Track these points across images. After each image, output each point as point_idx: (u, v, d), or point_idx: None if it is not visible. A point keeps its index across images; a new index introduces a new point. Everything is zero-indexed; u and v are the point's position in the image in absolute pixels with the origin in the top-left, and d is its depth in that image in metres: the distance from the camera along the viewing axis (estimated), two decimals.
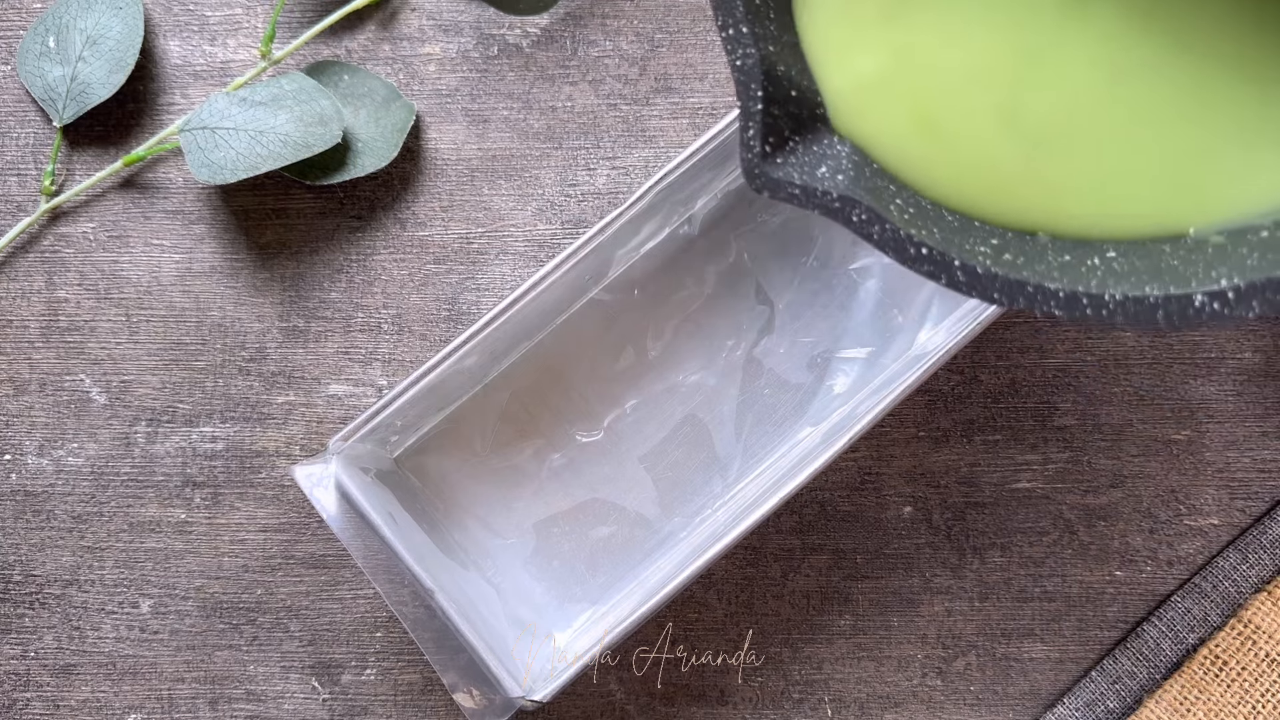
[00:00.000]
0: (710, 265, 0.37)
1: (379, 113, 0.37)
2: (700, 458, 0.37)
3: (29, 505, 0.37)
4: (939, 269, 0.21)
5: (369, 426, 0.33)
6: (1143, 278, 0.19)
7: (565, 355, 0.37)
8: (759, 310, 0.37)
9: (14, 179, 0.38)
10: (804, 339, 0.37)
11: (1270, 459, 0.37)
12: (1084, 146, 0.22)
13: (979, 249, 0.21)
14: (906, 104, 0.24)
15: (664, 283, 0.37)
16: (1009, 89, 0.23)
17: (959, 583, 0.37)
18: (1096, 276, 0.20)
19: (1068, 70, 0.23)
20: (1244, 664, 0.36)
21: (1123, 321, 0.19)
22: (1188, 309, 0.18)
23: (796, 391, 0.37)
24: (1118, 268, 0.20)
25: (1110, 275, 0.20)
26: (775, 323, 0.37)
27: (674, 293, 0.37)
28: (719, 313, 0.37)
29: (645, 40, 0.38)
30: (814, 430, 0.37)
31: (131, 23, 0.37)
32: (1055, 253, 0.21)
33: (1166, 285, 0.18)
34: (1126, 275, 0.20)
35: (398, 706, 0.37)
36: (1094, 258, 0.21)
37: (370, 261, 0.38)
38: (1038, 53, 0.23)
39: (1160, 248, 0.21)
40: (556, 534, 0.37)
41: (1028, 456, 0.37)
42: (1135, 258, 0.20)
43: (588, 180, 0.38)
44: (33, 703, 0.37)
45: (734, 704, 0.37)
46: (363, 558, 0.33)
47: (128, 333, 0.38)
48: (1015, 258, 0.21)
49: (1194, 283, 0.18)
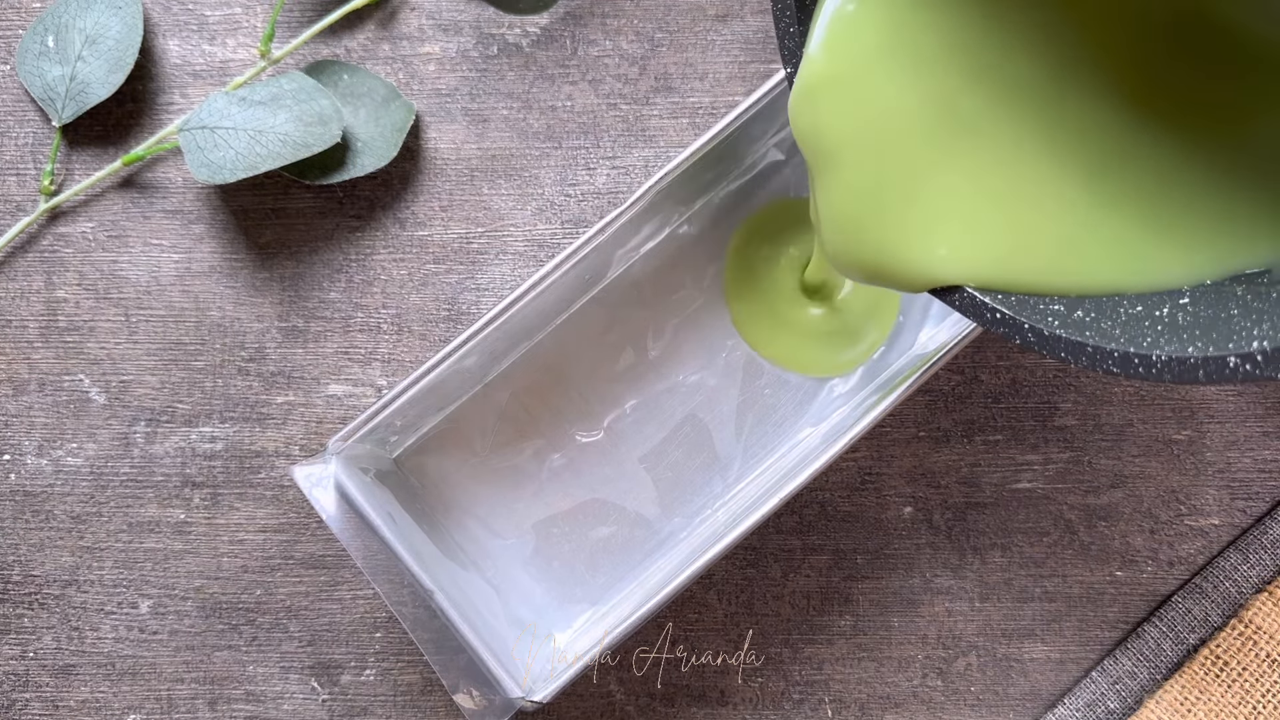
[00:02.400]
0: (710, 265, 0.37)
1: (378, 112, 0.37)
2: (700, 458, 0.37)
3: (28, 505, 0.37)
4: (1012, 330, 0.24)
5: (369, 427, 0.33)
6: (1194, 333, 0.22)
7: (565, 355, 0.37)
8: None
9: (13, 179, 0.38)
10: None
11: (1271, 459, 0.37)
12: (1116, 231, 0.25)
13: (1052, 307, 0.24)
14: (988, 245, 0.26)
15: (664, 283, 0.37)
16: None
17: (959, 583, 0.37)
18: (1155, 331, 0.22)
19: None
20: (1245, 664, 0.36)
21: (1170, 379, 0.21)
22: (1224, 369, 0.20)
23: (796, 391, 0.37)
24: (1181, 320, 0.22)
25: (1169, 329, 0.22)
26: None
27: (674, 293, 0.37)
28: (719, 313, 0.37)
29: (645, 40, 0.38)
30: (814, 430, 0.37)
31: (130, 22, 0.37)
32: (1129, 304, 0.24)
33: (1206, 347, 0.21)
34: (1185, 329, 0.22)
35: (397, 707, 0.37)
36: (1165, 307, 0.23)
37: (370, 261, 0.38)
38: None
39: (1234, 290, 0.23)
40: (556, 534, 0.37)
41: (1028, 457, 0.37)
42: (1204, 305, 0.23)
43: (588, 180, 0.38)
44: (32, 703, 0.37)
45: (734, 704, 0.37)
46: (362, 558, 0.33)
47: (127, 332, 0.38)
48: (1085, 314, 0.24)
49: (1230, 344, 0.20)
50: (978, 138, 0.26)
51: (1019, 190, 0.25)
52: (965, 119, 0.26)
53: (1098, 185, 0.25)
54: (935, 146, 0.26)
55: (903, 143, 0.26)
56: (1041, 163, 0.25)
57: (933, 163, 0.26)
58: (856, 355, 0.37)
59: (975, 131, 0.26)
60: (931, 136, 0.26)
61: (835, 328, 0.37)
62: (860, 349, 0.37)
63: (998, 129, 0.26)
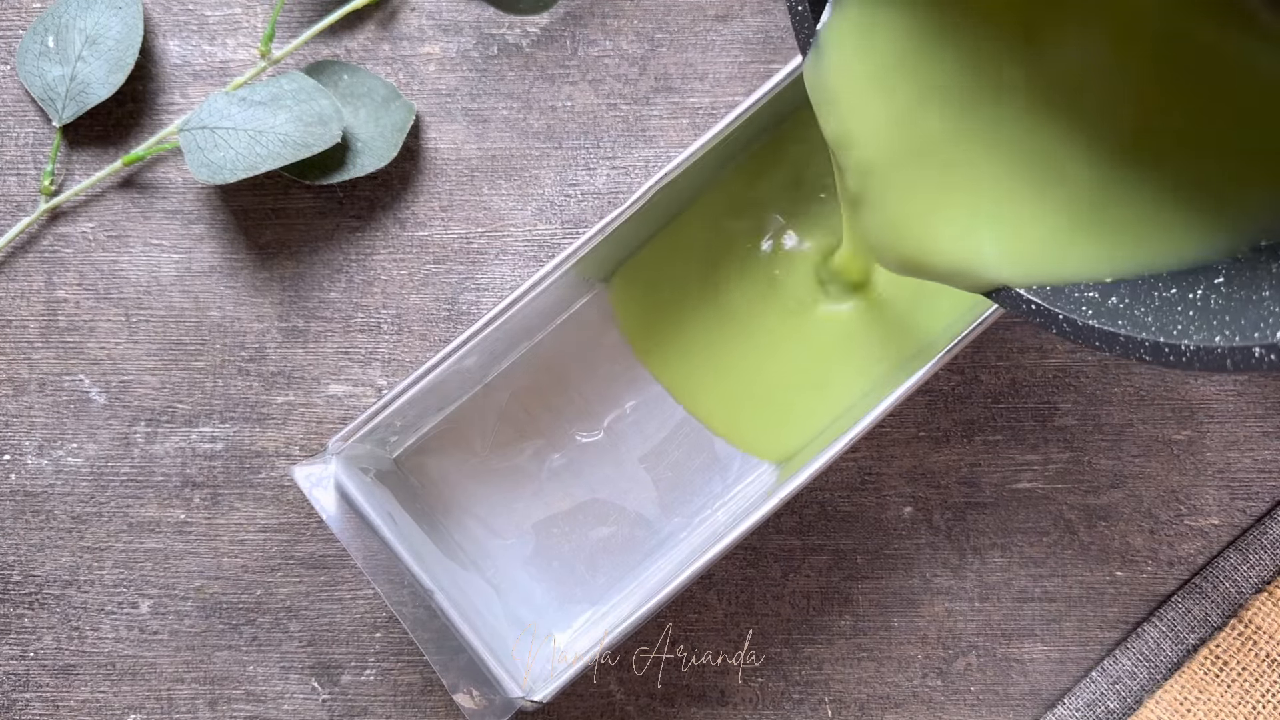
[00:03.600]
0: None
1: (378, 112, 0.37)
2: (700, 458, 0.37)
3: (28, 505, 0.37)
4: (1047, 320, 0.25)
5: (369, 427, 0.33)
6: (1224, 319, 0.22)
7: (565, 355, 0.37)
8: None
9: (13, 179, 0.38)
10: None
11: (1271, 459, 0.37)
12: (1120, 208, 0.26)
13: (1087, 294, 0.25)
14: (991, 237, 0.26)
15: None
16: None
17: (959, 583, 0.37)
18: (1187, 316, 0.23)
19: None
20: (1244, 664, 0.36)
21: (1199, 367, 0.22)
22: (1250, 359, 0.21)
23: None
24: (1214, 303, 0.23)
25: (1201, 315, 0.23)
26: None
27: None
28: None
29: (645, 40, 0.38)
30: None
31: (131, 22, 0.37)
32: (1164, 287, 0.24)
33: (1234, 336, 0.21)
34: (1216, 313, 0.22)
35: (397, 707, 0.37)
36: (1199, 288, 0.24)
37: (370, 261, 0.38)
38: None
39: (1269, 268, 0.23)
40: (556, 534, 0.37)
41: (1028, 457, 0.37)
42: (1238, 285, 0.23)
43: (588, 180, 0.38)
44: (32, 703, 0.37)
45: (734, 704, 0.37)
46: (362, 558, 0.33)
47: (127, 333, 0.38)
48: (1120, 301, 0.24)
49: (1256, 333, 0.21)
50: (997, 131, 0.26)
51: (1044, 178, 0.25)
52: (982, 116, 0.26)
53: (1120, 160, 0.25)
54: (960, 143, 0.26)
55: (929, 142, 0.26)
56: (1060, 146, 0.25)
57: (959, 160, 0.26)
58: (908, 349, 0.36)
59: (995, 124, 0.26)
60: (955, 134, 0.26)
61: (878, 319, 0.36)
62: (911, 342, 0.36)
63: (1012, 122, 0.26)
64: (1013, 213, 0.26)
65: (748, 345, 0.36)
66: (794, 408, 0.36)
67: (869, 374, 0.36)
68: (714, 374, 0.36)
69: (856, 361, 0.36)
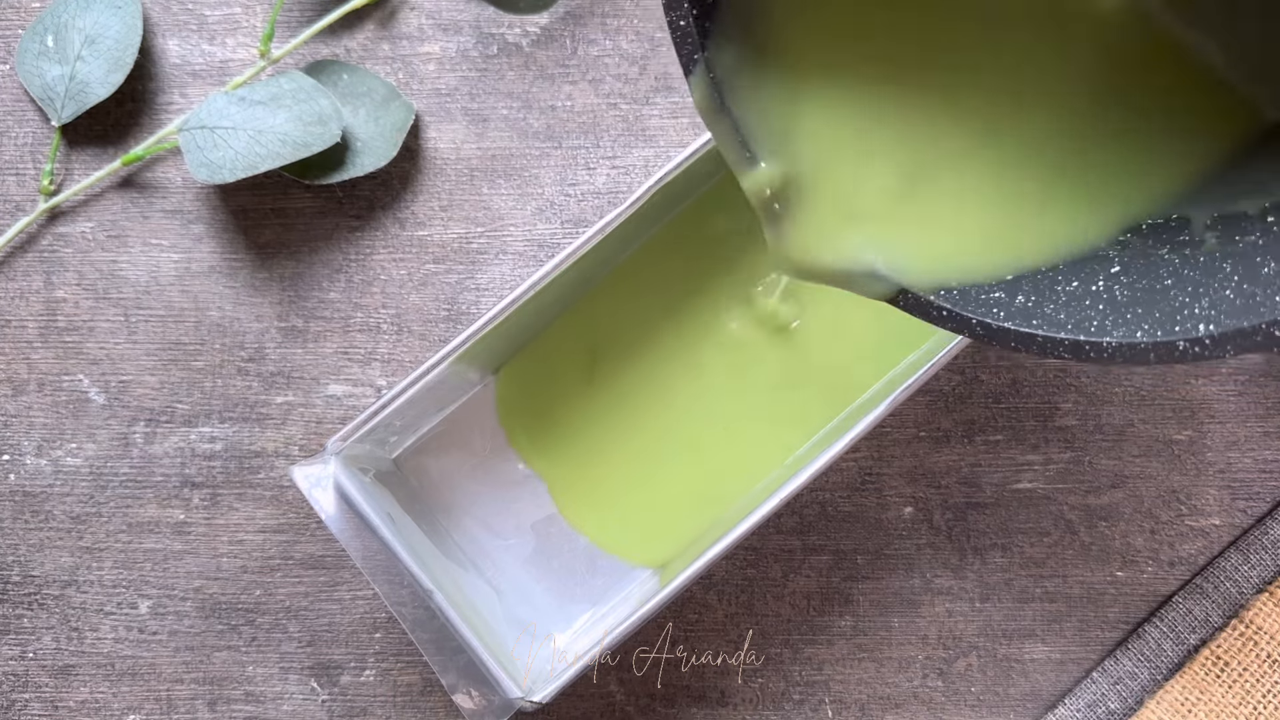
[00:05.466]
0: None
1: (378, 112, 0.37)
2: None
3: (27, 506, 0.37)
4: (960, 325, 0.24)
5: (368, 427, 0.33)
6: (1137, 311, 0.22)
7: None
8: None
9: (12, 178, 0.38)
10: None
11: (1272, 459, 0.37)
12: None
13: (993, 295, 0.24)
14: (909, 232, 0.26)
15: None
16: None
17: (960, 583, 0.37)
18: (1098, 310, 0.22)
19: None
20: (1245, 665, 0.36)
21: (1122, 362, 0.21)
22: (1173, 352, 0.21)
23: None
24: (1120, 295, 0.23)
25: (1111, 307, 0.22)
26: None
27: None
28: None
29: (645, 39, 0.38)
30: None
31: (130, 22, 0.37)
32: (1064, 280, 0.24)
33: (1154, 331, 0.21)
34: (1125, 306, 0.22)
35: (397, 707, 0.37)
36: (1099, 279, 0.23)
37: (369, 261, 0.38)
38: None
39: (1160, 254, 0.23)
40: (556, 534, 0.37)
41: (1029, 457, 0.37)
42: (1136, 274, 0.23)
43: (587, 180, 0.38)
44: (31, 704, 0.37)
45: (734, 705, 0.37)
46: (362, 558, 0.33)
47: (126, 333, 0.38)
48: (1026, 299, 0.24)
49: (1177, 327, 0.21)
50: (881, 131, 0.26)
51: (928, 174, 0.25)
52: (866, 115, 0.26)
53: (994, 151, 0.25)
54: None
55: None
56: (939, 140, 0.25)
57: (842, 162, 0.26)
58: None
59: (877, 125, 0.26)
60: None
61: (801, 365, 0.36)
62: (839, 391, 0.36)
63: (895, 123, 0.26)
64: (902, 213, 0.25)
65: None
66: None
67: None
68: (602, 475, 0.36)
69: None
